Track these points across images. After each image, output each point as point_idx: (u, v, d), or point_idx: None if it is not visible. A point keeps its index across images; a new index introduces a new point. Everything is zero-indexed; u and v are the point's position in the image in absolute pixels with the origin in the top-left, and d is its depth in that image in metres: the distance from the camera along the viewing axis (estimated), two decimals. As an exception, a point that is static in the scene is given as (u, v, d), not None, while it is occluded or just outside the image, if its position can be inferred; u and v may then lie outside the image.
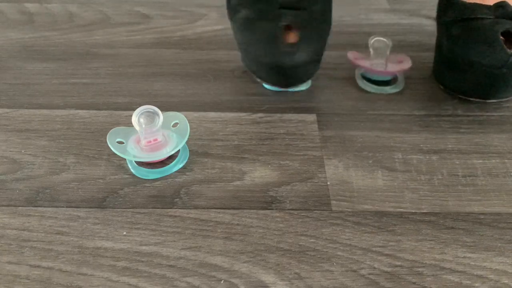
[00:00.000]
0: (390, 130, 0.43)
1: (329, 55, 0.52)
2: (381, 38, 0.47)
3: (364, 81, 0.48)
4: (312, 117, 0.44)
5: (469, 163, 0.40)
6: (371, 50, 0.47)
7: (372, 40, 0.47)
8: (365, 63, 0.48)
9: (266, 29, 0.44)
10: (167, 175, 0.39)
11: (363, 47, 0.53)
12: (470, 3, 0.46)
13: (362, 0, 0.63)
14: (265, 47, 0.43)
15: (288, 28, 0.44)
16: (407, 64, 0.48)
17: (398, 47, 0.54)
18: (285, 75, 0.44)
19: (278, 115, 0.44)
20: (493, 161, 0.40)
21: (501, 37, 0.43)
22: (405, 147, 0.41)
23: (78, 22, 0.58)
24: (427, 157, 0.41)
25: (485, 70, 0.43)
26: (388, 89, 0.47)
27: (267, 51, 0.43)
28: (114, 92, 0.47)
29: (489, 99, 0.45)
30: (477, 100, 0.45)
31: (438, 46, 0.48)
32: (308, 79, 0.46)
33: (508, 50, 0.42)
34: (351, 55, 0.49)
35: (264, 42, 0.43)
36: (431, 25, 0.49)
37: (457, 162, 0.40)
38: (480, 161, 0.40)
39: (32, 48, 0.53)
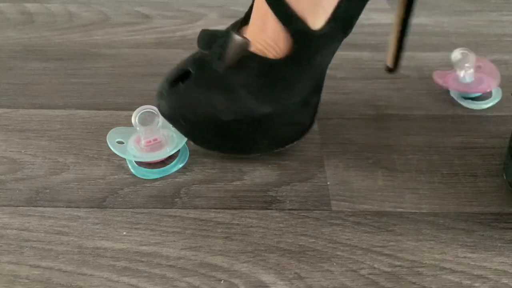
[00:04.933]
0: (390, 130, 0.43)
1: (329, 55, 0.52)
2: (464, 51, 0.45)
3: (468, 101, 0.45)
4: (312, 117, 0.44)
5: (469, 163, 0.40)
6: (457, 66, 0.45)
7: (455, 54, 0.45)
8: (457, 84, 0.45)
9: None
10: (167, 175, 0.39)
11: (363, 47, 0.53)
12: None
13: (362, 0, 0.63)
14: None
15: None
16: (494, 76, 0.45)
17: (398, 47, 0.54)
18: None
19: (278, 115, 0.44)
20: (493, 161, 0.40)
21: None
22: (405, 147, 0.41)
23: (78, 22, 0.58)
24: (427, 157, 0.41)
25: None
26: (484, 104, 0.45)
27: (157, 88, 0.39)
28: (114, 92, 0.47)
29: None
30: None
31: None
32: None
33: None
34: (441, 79, 0.46)
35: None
36: (431, 25, 0.49)
37: (457, 162, 0.40)
38: (480, 161, 0.40)
39: (32, 48, 0.53)
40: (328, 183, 0.38)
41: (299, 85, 0.38)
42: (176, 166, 0.39)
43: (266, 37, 0.37)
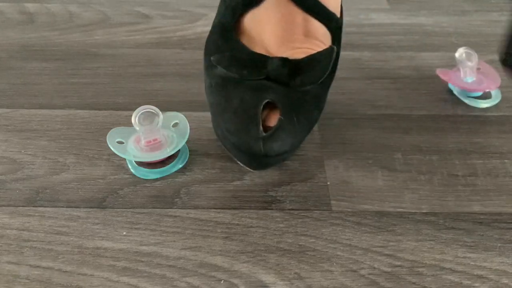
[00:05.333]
0: (390, 130, 0.43)
1: (329, 55, 0.52)
2: (469, 50, 0.45)
3: (470, 98, 0.46)
4: (312, 117, 0.44)
5: (469, 163, 0.40)
6: (461, 64, 0.46)
7: (460, 52, 0.45)
8: (460, 81, 0.46)
9: (244, 102, 0.36)
10: (167, 175, 0.39)
11: (363, 47, 0.53)
12: None
13: (362, 0, 0.63)
14: (237, 127, 0.35)
15: (270, 105, 0.36)
16: (494, 79, 0.46)
17: (398, 47, 0.54)
18: (255, 161, 0.36)
19: (278, 115, 0.44)
20: (493, 161, 0.40)
21: None
22: (405, 147, 0.41)
23: (78, 22, 0.58)
24: (427, 157, 0.41)
25: None
26: (484, 103, 0.46)
27: (239, 131, 0.35)
28: (114, 92, 0.47)
29: None
30: None
31: None
32: (280, 162, 0.39)
33: None
34: (444, 76, 0.46)
35: (237, 118, 0.36)
36: (431, 25, 0.49)
37: (457, 162, 0.40)
38: (480, 161, 0.40)
39: (32, 48, 0.53)
40: (328, 183, 0.38)
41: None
42: (176, 166, 0.39)
43: (311, 38, 0.38)
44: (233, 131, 0.36)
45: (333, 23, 0.40)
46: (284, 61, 0.37)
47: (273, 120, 0.36)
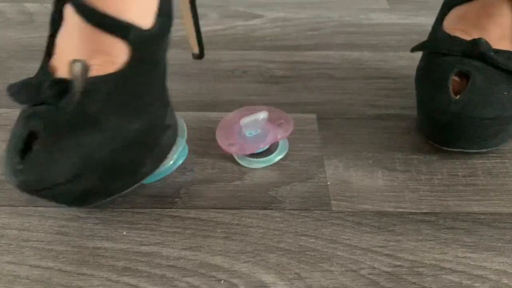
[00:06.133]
0: (390, 130, 0.43)
1: (329, 55, 0.52)
2: (253, 116, 0.39)
3: (245, 158, 0.40)
4: (312, 117, 0.44)
5: (469, 163, 0.40)
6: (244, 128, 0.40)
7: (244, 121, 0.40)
8: (239, 148, 0.39)
9: (15, 135, 0.33)
10: (167, 175, 0.38)
11: (363, 47, 0.53)
12: (447, 35, 0.42)
13: (362, 0, 0.63)
14: (4, 160, 0.33)
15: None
16: (289, 127, 0.40)
17: (398, 47, 0.54)
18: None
19: (278, 115, 0.44)
20: (493, 161, 0.40)
21: (457, 79, 0.39)
22: (405, 147, 0.41)
23: (78, 22, 0.58)
24: (427, 157, 0.41)
25: (429, 114, 0.39)
26: (272, 158, 0.40)
27: (4, 165, 0.33)
28: (114, 92, 0.47)
29: (445, 146, 0.40)
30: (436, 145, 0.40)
31: None
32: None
33: (452, 96, 0.37)
34: (222, 141, 0.40)
35: (7, 152, 0.33)
36: (431, 25, 0.49)
37: (457, 162, 0.40)
38: (480, 161, 0.40)
39: (32, 48, 0.53)
40: (328, 183, 0.38)
41: (155, 87, 0.36)
42: (175, 164, 0.39)
43: (100, 54, 0.34)
44: (2, 166, 0.33)
45: (130, 35, 0.34)
46: (56, 82, 0.34)
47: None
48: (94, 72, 0.34)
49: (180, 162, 0.39)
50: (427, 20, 0.58)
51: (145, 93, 0.35)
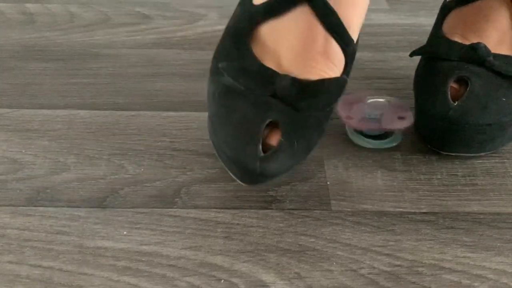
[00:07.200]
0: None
1: (329, 55, 0.52)
2: (379, 99, 0.43)
3: (357, 134, 0.42)
4: (312, 117, 0.44)
5: (469, 163, 0.40)
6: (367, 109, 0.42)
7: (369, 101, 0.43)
8: (356, 122, 0.41)
9: (247, 118, 0.35)
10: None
11: (363, 47, 0.53)
12: (446, 40, 0.42)
13: (362, 0, 0.63)
14: (236, 142, 0.34)
15: (272, 125, 0.35)
16: (406, 122, 0.41)
17: (398, 47, 0.54)
18: (249, 177, 0.35)
19: (278, 115, 0.44)
20: (492, 161, 0.40)
21: (455, 86, 0.39)
22: (405, 147, 0.41)
23: (79, 22, 0.58)
24: (427, 157, 0.41)
25: (429, 120, 0.39)
26: (383, 144, 0.42)
27: (237, 147, 0.34)
28: (114, 92, 0.47)
29: (444, 151, 0.40)
30: (434, 149, 0.40)
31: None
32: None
33: (451, 102, 0.37)
34: (342, 111, 0.42)
35: (238, 134, 0.34)
36: (430, 25, 0.49)
37: (457, 162, 0.40)
38: (479, 161, 0.40)
39: (33, 48, 0.53)
40: (328, 183, 0.38)
41: None
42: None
43: (324, 58, 0.36)
44: (231, 145, 0.34)
45: (350, 48, 0.37)
46: (294, 81, 0.35)
47: (273, 138, 0.34)
48: (316, 75, 0.35)
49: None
50: (427, 21, 0.58)
51: None
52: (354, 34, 0.37)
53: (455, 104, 0.37)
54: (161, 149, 0.41)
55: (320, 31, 0.36)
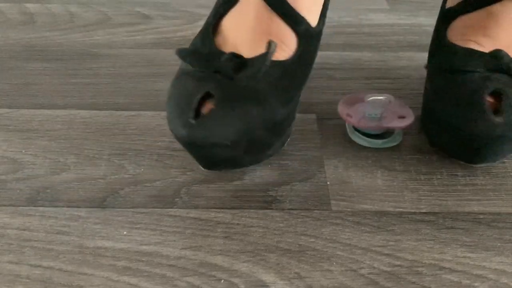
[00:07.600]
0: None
1: (329, 55, 0.52)
2: (379, 97, 0.42)
3: (357, 134, 0.42)
4: (312, 117, 0.44)
5: (469, 163, 0.40)
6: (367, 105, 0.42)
7: (369, 98, 0.42)
8: (357, 120, 0.41)
9: (185, 90, 0.36)
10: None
11: (363, 47, 0.53)
12: (462, 48, 0.39)
13: (361, 1, 0.63)
14: (173, 113, 0.35)
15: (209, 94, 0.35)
16: (407, 121, 0.41)
17: (398, 47, 0.54)
18: (195, 153, 0.36)
19: (278, 115, 0.44)
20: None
21: (489, 99, 0.36)
22: (405, 147, 0.41)
23: (79, 22, 0.58)
24: (427, 157, 0.41)
25: (467, 138, 0.36)
26: (383, 143, 0.41)
27: (174, 118, 0.35)
28: (114, 92, 0.47)
29: (475, 163, 0.39)
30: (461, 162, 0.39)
31: (424, 89, 0.42)
32: (228, 164, 0.38)
33: (495, 119, 0.34)
34: (343, 110, 0.42)
35: (176, 106, 0.35)
36: (430, 25, 0.49)
37: (456, 162, 0.40)
38: (480, 161, 0.40)
39: (33, 48, 0.53)
40: (328, 183, 0.38)
41: (304, 82, 0.40)
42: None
43: (278, 41, 0.37)
44: (169, 119, 0.35)
45: (301, 27, 0.38)
46: (233, 55, 0.37)
47: (207, 108, 0.35)
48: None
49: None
50: (427, 21, 0.58)
51: (300, 84, 0.40)
52: (311, 14, 0.38)
53: (499, 120, 0.35)
54: (161, 149, 0.41)
55: (266, 13, 0.37)
